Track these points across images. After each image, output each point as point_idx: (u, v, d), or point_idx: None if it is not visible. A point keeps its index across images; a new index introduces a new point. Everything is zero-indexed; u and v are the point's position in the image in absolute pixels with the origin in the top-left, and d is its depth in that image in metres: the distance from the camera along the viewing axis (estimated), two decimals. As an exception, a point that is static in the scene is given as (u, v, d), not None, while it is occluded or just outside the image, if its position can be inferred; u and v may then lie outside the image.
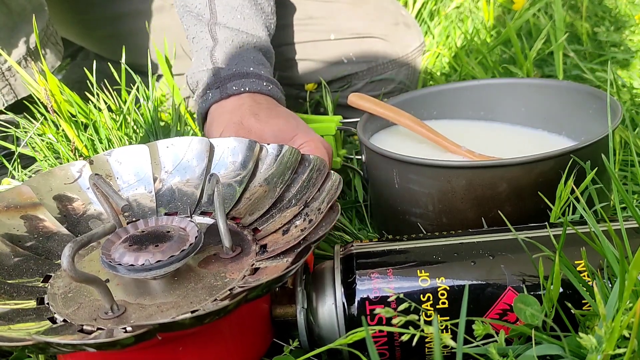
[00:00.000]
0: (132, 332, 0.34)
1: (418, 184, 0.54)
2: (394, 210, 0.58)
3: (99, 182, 0.47)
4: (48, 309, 0.43)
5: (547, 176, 0.51)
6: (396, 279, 0.42)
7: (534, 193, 0.51)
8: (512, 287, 0.41)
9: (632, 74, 0.93)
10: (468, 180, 0.52)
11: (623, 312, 0.33)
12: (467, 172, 0.52)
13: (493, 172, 0.52)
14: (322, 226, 0.45)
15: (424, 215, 0.56)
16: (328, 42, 0.86)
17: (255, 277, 0.43)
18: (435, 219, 0.55)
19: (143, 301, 0.42)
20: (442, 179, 0.53)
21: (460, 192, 0.53)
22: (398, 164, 0.55)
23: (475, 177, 0.52)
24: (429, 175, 0.53)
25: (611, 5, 1.26)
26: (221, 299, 0.41)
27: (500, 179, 0.52)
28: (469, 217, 0.53)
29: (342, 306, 0.42)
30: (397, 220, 0.59)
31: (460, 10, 1.27)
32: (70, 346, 0.34)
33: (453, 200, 0.53)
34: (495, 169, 0.52)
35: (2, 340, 0.36)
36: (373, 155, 0.59)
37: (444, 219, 0.55)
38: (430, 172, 0.53)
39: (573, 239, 0.42)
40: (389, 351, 0.42)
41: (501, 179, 0.51)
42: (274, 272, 0.37)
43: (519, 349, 0.39)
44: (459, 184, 0.52)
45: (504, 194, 0.52)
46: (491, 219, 0.53)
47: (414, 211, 0.56)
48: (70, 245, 0.38)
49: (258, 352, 0.44)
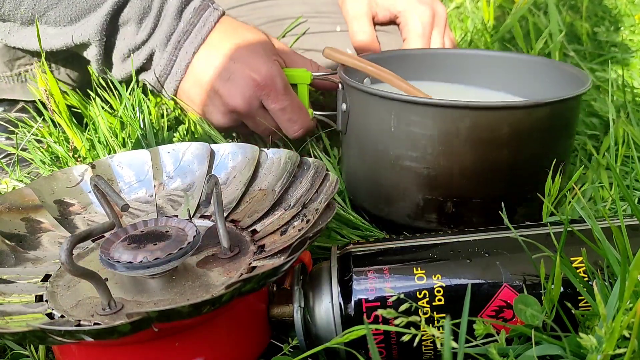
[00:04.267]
0: (130, 319, 0.34)
1: (419, 126, 0.54)
2: (385, 156, 0.57)
3: (100, 183, 0.47)
4: (46, 306, 0.43)
5: (542, 123, 0.53)
6: (393, 277, 0.42)
7: (531, 138, 0.53)
8: (508, 284, 0.41)
9: (633, 74, 0.93)
10: (473, 121, 0.52)
11: (623, 313, 0.33)
12: (474, 113, 0.52)
13: (498, 114, 0.52)
14: (319, 224, 0.45)
15: (420, 159, 0.55)
16: (334, 34, 0.87)
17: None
18: (433, 162, 0.54)
19: (140, 298, 0.42)
20: (447, 120, 0.52)
21: (464, 133, 0.52)
22: (398, 106, 0.54)
23: (480, 118, 0.52)
24: (434, 116, 0.53)
25: (611, 5, 1.26)
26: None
27: (503, 121, 0.52)
28: (467, 159, 0.53)
29: (338, 305, 0.42)
30: (386, 169, 0.57)
31: (460, 11, 1.27)
32: (67, 333, 0.34)
33: (455, 142, 0.53)
34: (501, 111, 0.52)
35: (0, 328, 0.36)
36: (365, 99, 0.57)
37: (442, 161, 0.54)
38: (436, 112, 0.53)
39: (571, 236, 0.42)
40: (386, 349, 0.42)
41: (504, 121, 0.52)
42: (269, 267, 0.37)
43: (519, 349, 0.38)
44: (464, 124, 0.52)
45: (505, 137, 0.52)
46: (489, 162, 0.53)
47: (409, 155, 0.55)
48: (68, 239, 0.38)
49: (254, 351, 0.44)
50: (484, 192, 0.55)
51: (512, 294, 0.41)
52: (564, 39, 1.04)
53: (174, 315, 0.35)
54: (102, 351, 0.40)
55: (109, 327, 0.33)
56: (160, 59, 0.67)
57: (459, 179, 0.54)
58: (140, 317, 0.34)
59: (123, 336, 0.34)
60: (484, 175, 0.54)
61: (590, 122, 0.80)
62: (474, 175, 0.54)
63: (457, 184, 0.54)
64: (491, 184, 0.55)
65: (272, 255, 0.45)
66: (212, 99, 0.67)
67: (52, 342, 0.36)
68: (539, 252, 0.41)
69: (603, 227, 0.42)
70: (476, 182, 0.54)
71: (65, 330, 0.34)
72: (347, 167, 0.64)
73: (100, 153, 0.71)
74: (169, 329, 0.38)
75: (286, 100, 0.67)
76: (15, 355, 0.47)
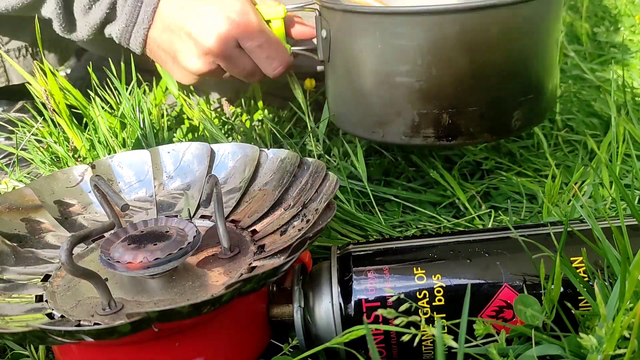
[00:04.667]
0: (129, 319, 0.34)
1: (407, 37, 0.53)
2: (374, 76, 0.56)
3: (100, 183, 0.47)
4: (46, 306, 0.43)
5: (531, 21, 0.53)
6: (392, 277, 0.42)
7: (519, 38, 0.53)
8: (508, 284, 0.41)
9: (632, 74, 0.93)
10: (462, 25, 0.52)
11: (623, 313, 0.33)
12: (461, 17, 0.52)
13: (485, 14, 0.52)
14: (319, 224, 0.45)
15: (411, 72, 0.54)
16: None
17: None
18: (424, 73, 0.54)
19: (140, 298, 0.42)
20: (435, 28, 0.52)
21: (453, 38, 0.52)
22: (383, 20, 0.53)
23: (468, 21, 0.52)
24: (421, 25, 0.52)
25: (611, 5, 1.26)
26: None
27: (491, 22, 0.52)
28: (459, 65, 0.53)
29: (338, 305, 0.42)
30: (377, 88, 0.56)
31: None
32: (68, 334, 0.34)
33: (444, 49, 0.53)
34: (488, 10, 0.52)
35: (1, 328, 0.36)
36: (347, 19, 0.56)
37: (433, 71, 0.53)
38: (423, 20, 0.52)
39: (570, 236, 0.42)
40: (386, 350, 0.42)
41: (493, 21, 0.52)
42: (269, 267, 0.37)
43: (519, 349, 0.38)
44: (453, 30, 0.52)
45: (494, 38, 0.53)
46: (481, 67, 0.53)
47: (399, 70, 0.54)
48: (68, 239, 0.38)
49: (255, 351, 0.44)
50: (478, 99, 0.55)
51: (512, 294, 0.41)
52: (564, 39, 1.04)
53: (174, 316, 0.35)
54: (102, 351, 0.40)
55: (109, 327, 0.33)
56: (123, 6, 0.63)
57: (452, 88, 0.54)
58: (140, 317, 0.34)
59: (123, 336, 0.34)
60: (476, 81, 0.54)
61: (590, 122, 0.80)
62: (467, 82, 0.54)
63: (450, 93, 0.54)
64: (485, 90, 0.55)
65: (272, 255, 0.45)
66: (184, 43, 0.63)
67: (52, 342, 0.36)
68: (539, 252, 0.41)
69: (603, 227, 0.42)
70: (470, 89, 0.54)
71: (65, 331, 0.34)
72: (334, 96, 0.63)
73: (100, 153, 0.71)
74: (169, 329, 0.38)
75: (262, 37, 0.63)
76: (16, 355, 0.47)
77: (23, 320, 0.40)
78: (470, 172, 0.72)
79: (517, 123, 0.56)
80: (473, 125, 0.55)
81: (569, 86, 0.89)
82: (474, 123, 0.55)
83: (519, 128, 0.57)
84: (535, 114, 0.56)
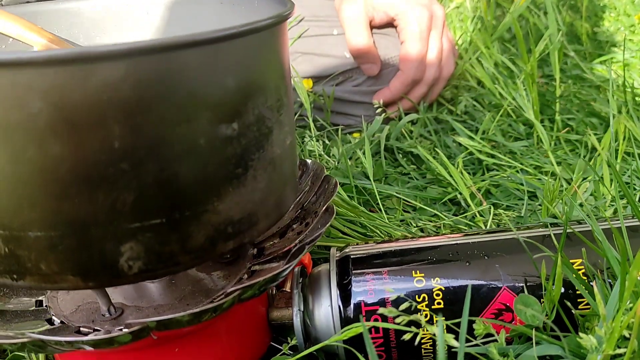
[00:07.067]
0: (129, 329, 0.34)
1: None
2: None
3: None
4: (46, 311, 0.43)
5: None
6: (391, 280, 0.42)
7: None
8: (507, 286, 0.41)
9: (632, 74, 0.93)
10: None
11: (623, 313, 0.33)
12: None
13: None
14: (318, 228, 0.45)
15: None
16: (331, 37, 0.86)
17: (251, 279, 0.43)
18: None
19: (140, 303, 0.42)
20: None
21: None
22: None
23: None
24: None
25: (611, 5, 1.26)
26: (217, 300, 0.41)
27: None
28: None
29: (338, 308, 0.42)
30: None
31: (460, 10, 1.27)
32: (67, 344, 0.34)
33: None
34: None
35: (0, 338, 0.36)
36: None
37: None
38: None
39: (570, 239, 0.42)
40: (385, 352, 0.42)
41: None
42: (269, 273, 0.37)
43: (518, 349, 0.38)
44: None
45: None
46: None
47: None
48: None
49: (254, 355, 0.44)
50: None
51: (512, 296, 0.40)
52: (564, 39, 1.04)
53: (173, 325, 0.34)
54: (100, 356, 0.40)
55: (108, 337, 0.33)
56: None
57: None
58: (140, 326, 0.33)
59: (122, 345, 0.34)
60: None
61: (590, 122, 0.80)
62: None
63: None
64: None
65: (271, 259, 0.45)
66: None
67: (52, 351, 0.36)
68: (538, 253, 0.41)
69: (603, 228, 0.42)
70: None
71: (65, 341, 0.34)
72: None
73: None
74: (168, 336, 0.38)
75: None
76: (16, 356, 0.47)
77: (23, 327, 0.40)
78: (472, 172, 0.72)
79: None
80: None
81: (568, 86, 0.89)
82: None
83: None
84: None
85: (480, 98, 0.89)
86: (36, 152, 0.29)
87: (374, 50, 0.81)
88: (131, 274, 0.33)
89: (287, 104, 0.38)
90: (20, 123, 0.28)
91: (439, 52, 0.80)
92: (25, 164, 0.29)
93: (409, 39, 0.78)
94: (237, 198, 0.34)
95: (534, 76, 0.77)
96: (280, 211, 0.40)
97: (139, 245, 0.32)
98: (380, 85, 0.86)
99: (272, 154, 0.36)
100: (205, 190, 0.33)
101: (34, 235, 0.31)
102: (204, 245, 0.34)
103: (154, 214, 0.32)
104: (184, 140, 0.31)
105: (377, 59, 0.82)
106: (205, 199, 0.33)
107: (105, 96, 0.28)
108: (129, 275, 0.33)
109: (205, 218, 0.33)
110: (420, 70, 0.80)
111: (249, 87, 0.33)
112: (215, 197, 0.33)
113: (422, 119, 0.82)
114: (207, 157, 0.32)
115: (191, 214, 0.33)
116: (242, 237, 0.36)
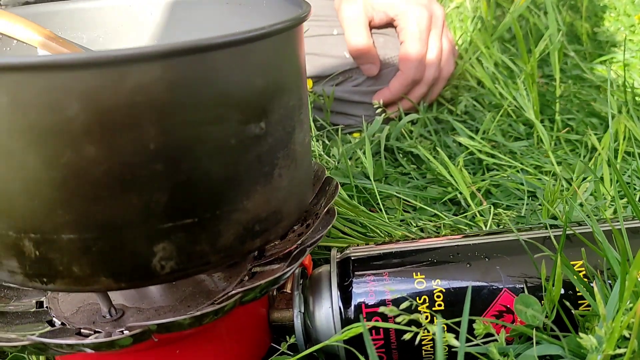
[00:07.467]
0: (130, 332, 0.34)
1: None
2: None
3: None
4: (47, 312, 0.43)
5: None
6: (392, 281, 0.42)
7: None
8: (508, 288, 0.41)
9: (633, 74, 0.93)
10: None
11: (623, 313, 0.33)
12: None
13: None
14: (319, 230, 0.45)
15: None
16: (331, 37, 0.87)
17: (252, 281, 0.43)
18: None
19: (141, 305, 0.42)
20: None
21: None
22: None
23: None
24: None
25: (611, 5, 1.26)
26: (219, 302, 0.41)
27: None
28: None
29: (338, 310, 0.42)
30: None
31: (460, 10, 1.27)
32: (68, 346, 0.34)
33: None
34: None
35: (1, 340, 0.36)
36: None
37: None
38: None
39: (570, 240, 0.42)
40: (386, 353, 0.42)
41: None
42: (270, 276, 0.37)
43: (519, 349, 0.38)
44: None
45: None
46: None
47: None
48: None
49: (255, 356, 0.44)
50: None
51: (512, 298, 0.40)
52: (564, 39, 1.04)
53: (174, 327, 0.34)
54: (101, 357, 0.40)
55: (109, 340, 0.33)
56: None
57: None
58: (141, 330, 0.33)
59: (123, 348, 0.34)
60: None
61: (590, 122, 0.80)
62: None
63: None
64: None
65: (271, 261, 0.45)
66: None
67: (53, 353, 0.36)
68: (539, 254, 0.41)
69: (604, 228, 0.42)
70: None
71: (66, 344, 0.34)
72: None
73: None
74: (169, 339, 0.38)
75: None
76: (16, 357, 0.48)
77: (23, 330, 0.40)
78: (472, 172, 0.72)
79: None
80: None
81: (568, 86, 0.89)
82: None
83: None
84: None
85: (481, 98, 0.89)
86: (71, 155, 0.29)
87: (374, 51, 0.81)
88: (163, 274, 0.33)
89: (305, 103, 0.38)
90: (56, 126, 0.28)
91: (439, 52, 0.80)
92: (60, 167, 0.29)
93: (408, 39, 0.78)
94: (264, 196, 0.35)
95: (534, 76, 0.77)
96: (301, 208, 0.40)
97: (172, 245, 0.32)
98: (380, 85, 0.86)
99: (295, 152, 0.37)
100: (235, 189, 0.33)
101: (67, 238, 0.31)
102: (233, 244, 0.34)
103: (186, 213, 0.32)
104: (216, 139, 0.31)
105: (377, 59, 0.82)
106: (235, 198, 0.33)
107: (140, 98, 0.28)
108: (161, 275, 0.33)
109: (235, 216, 0.33)
110: (420, 71, 0.80)
111: (275, 87, 0.34)
112: (244, 196, 0.33)
113: (422, 119, 0.82)
114: (237, 156, 0.32)
115: (222, 212, 0.33)
116: (268, 235, 0.36)
